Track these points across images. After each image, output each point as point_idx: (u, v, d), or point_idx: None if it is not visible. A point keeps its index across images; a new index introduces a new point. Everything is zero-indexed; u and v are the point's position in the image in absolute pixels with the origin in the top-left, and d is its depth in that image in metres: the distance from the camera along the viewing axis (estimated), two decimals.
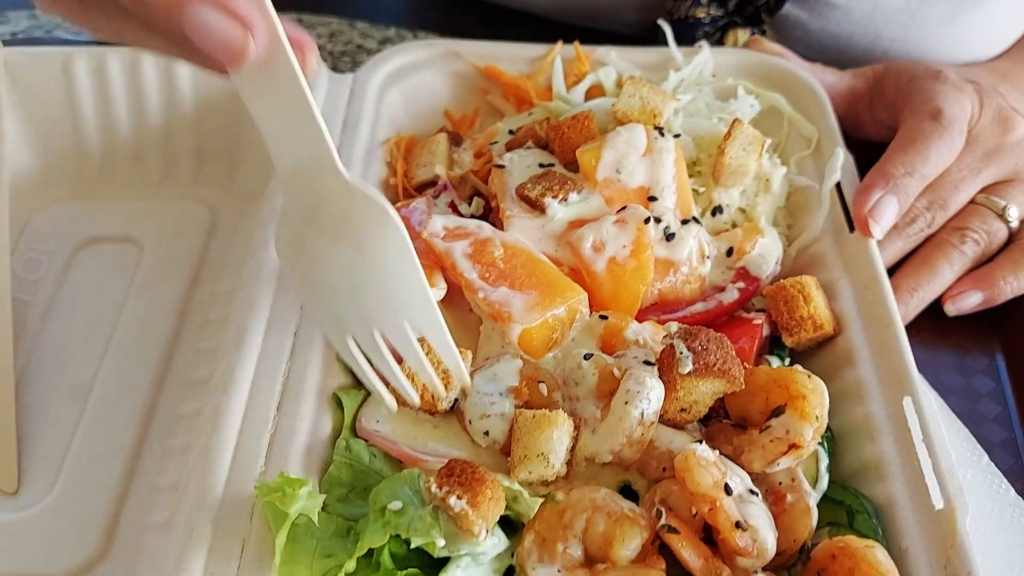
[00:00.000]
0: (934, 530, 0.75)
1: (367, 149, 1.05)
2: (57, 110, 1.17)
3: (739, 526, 0.71)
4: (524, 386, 0.81)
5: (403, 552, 0.72)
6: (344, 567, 0.69)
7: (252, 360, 0.85)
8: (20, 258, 1.10)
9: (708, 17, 1.30)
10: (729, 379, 0.80)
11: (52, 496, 0.90)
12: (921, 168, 1.01)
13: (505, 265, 0.88)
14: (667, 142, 0.95)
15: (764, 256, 0.95)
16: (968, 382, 1.03)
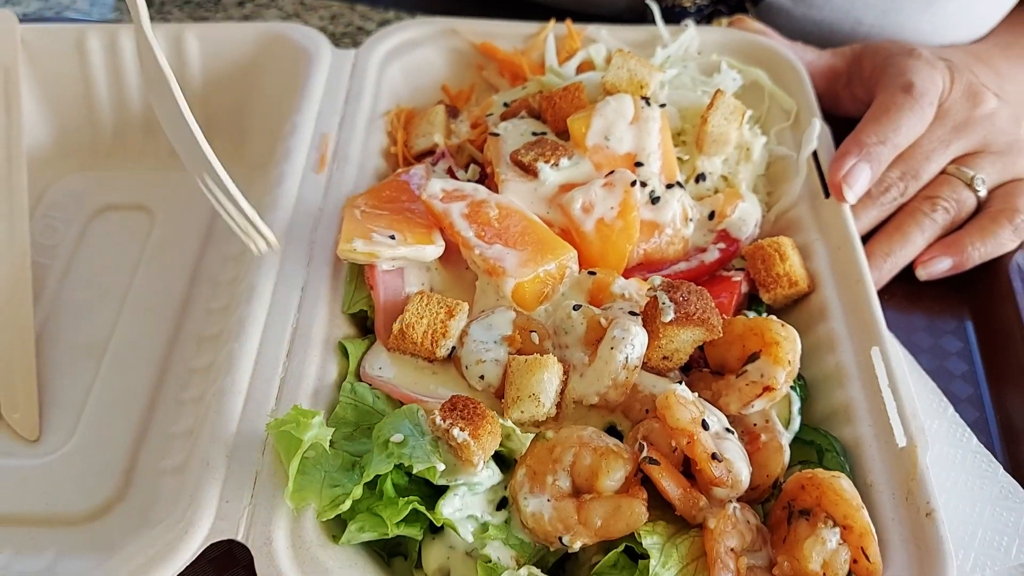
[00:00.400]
0: (897, 466, 0.81)
1: (369, 119, 1.11)
2: (72, 85, 1.22)
3: (715, 457, 0.77)
4: (517, 335, 0.87)
5: (404, 483, 0.77)
6: (351, 494, 0.74)
7: (263, 312, 0.91)
8: (38, 225, 1.15)
9: (694, 6, 1.35)
10: (708, 327, 0.85)
11: (72, 443, 0.96)
12: (893, 137, 1.06)
13: (500, 224, 0.93)
14: (653, 111, 1.00)
15: (744, 219, 1.00)
16: (938, 342, 1.09)
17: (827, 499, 0.76)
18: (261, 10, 1.53)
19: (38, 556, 0.86)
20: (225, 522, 0.76)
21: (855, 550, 0.75)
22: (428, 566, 0.78)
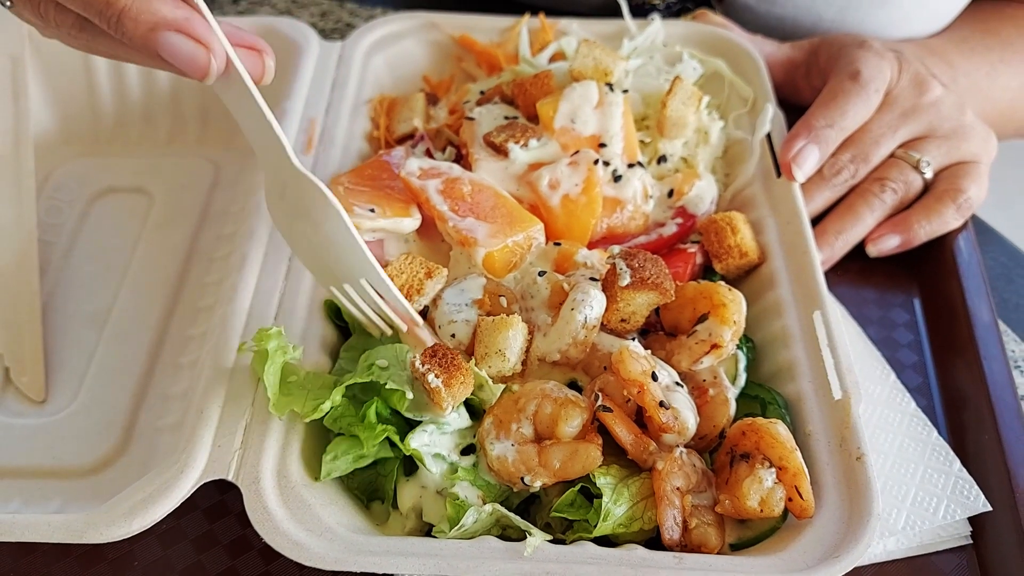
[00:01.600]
0: (833, 416, 0.89)
1: (353, 106, 1.18)
2: (75, 75, 1.29)
3: (662, 405, 0.84)
4: (487, 298, 0.94)
5: (387, 414, 0.85)
6: (331, 398, 0.81)
7: (253, 279, 0.98)
8: (43, 205, 1.22)
9: (663, 3, 1.43)
10: (661, 291, 0.92)
11: (75, 404, 1.03)
12: (840, 121, 1.14)
13: (472, 199, 1.01)
14: (616, 96, 1.08)
15: (701, 196, 1.08)
16: (886, 314, 1.16)
17: (764, 443, 0.83)
18: (255, 7, 1.61)
19: (45, 504, 0.94)
20: (217, 463, 0.84)
21: (789, 488, 0.82)
22: (403, 504, 0.85)
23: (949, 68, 1.35)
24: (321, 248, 0.88)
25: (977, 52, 1.40)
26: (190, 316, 1.11)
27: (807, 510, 0.82)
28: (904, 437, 1.01)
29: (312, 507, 0.81)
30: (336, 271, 0.89)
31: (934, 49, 1.38)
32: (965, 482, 0.96)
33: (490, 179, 1.03)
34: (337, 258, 0.87)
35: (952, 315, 1.13)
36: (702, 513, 0.83)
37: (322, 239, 0.86)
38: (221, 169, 1.29)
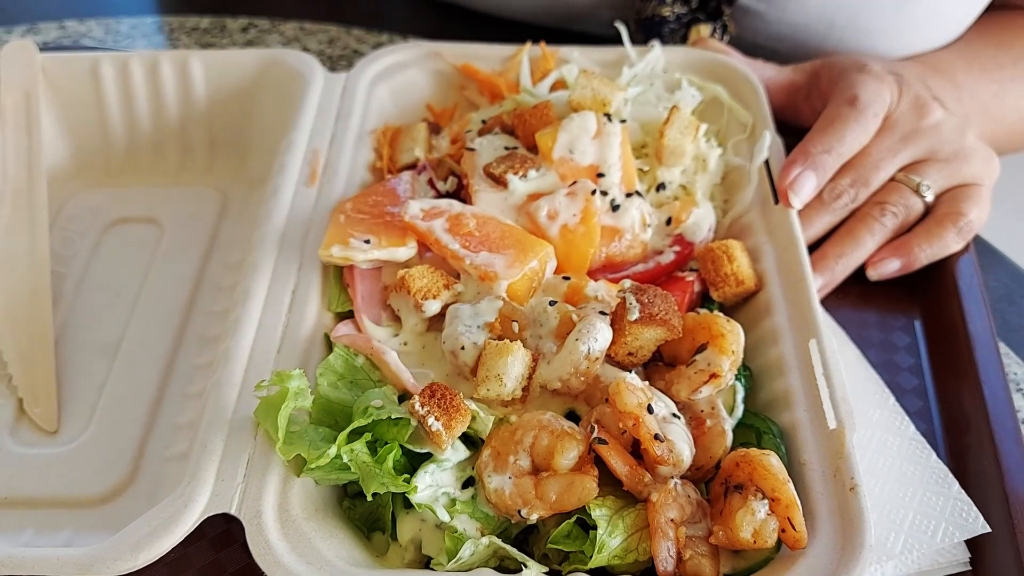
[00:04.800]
0: (828, 445, 0.89)
1: (357, 136, 1.20)
2: (86, 108, 1.32)
3: (657, 438, 0.85)
4: (498, 323, 0.95)
5: (400, 459, 0.87)
6: (337, 442, 0.83)
7: (257, 312, 1.00)
8: (56, 236, 1.25)
9: (673, 15, 1.43)
10: (669, 328, 0.94)
11: (87, 434, 1.05)
12: (837, 147, 1.15)
13: (480, 233, 1.02)
14: (614, 127, 1.09)
15: (698, 224, 1.09)
16: (887, 337, 1.17)
17: (757, 474, 0.84)
18: (264, 35, 1.64)
19: (57, 534, 0.96)
20: (220, 498, 0.85)
21: (782, 520, 0.83)
22: (402, 537, 0.87)
23: (954, 88, 1.35)
24: None
25: (987, 70, 1.40)
26: (197, 346, 1.13)
27: (800, 541, 0.83)
28: (903, 460, 1.01)
29: (312, 540, 0.83)
30: None
31: (939, 68, 1.38)
32: (964, 504, 0.96)
33: (490, 210, 1.05)
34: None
35: (953, 339, 1.13)
36: (696, 544, 0.84)
37: None
38: (229, 198, 1.32)
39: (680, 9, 1.43)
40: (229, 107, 1.32)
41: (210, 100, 1.32)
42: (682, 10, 1.44)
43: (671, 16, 1.43)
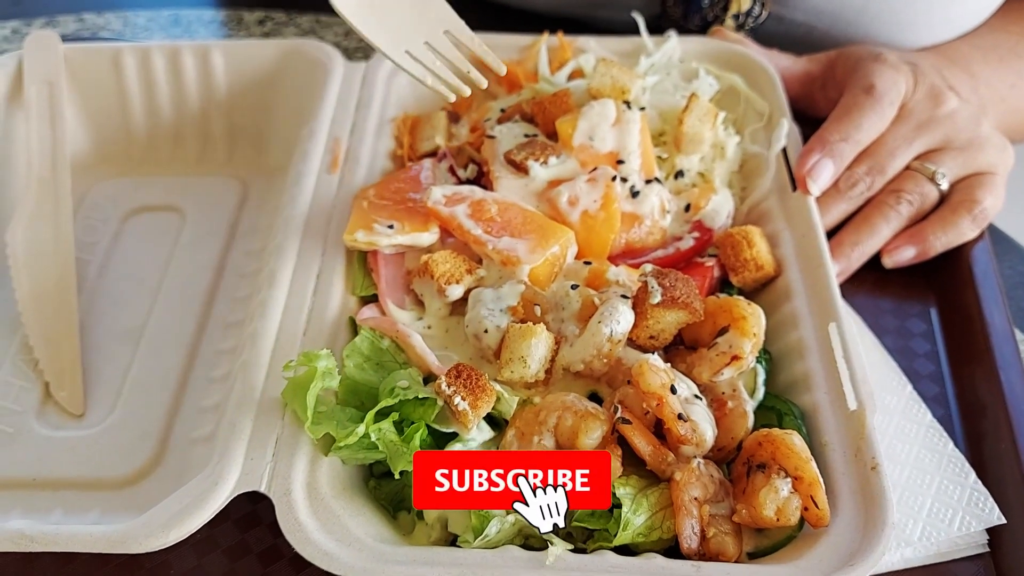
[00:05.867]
0: (848, 426, 0.90)
1: (378, 124, 1.21)
2: (109, 99, 1.33)
3: (681, 417, 0.87)
4: (521, 306, 0.97)
5: (429, 441, 0.88)
6: (365, 421, 0.84)
7: (282, 296, 1.01)
8: (80, 224, 1.26)
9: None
10: (691, 311, 0.95)
11: (112, 417, 1.06)
12: (855, 135, 1.16)
13: (501, 218, 1.03)
14: (633, 114, 1.10)
15: (717, 211, 1.10)
16: (903, 324, 1.18)
17: (780, 453, 0.85)
18: (280, 28, 1.65)
19: (85, 514, 0.97)
20: (250, 476, 0.86)
21: (805, 498, 0.84)
22: (429, 515, 0.88)
23: (970, 78, 1.36)
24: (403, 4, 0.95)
25: (1005, 61, 1.40)
26: (221, 331, 1.14)
27: (823, 519, 0.84)
28: (920, 448, 1.02)
29: (341, 518, 0.84)
30: (416, 27, 0.97)
31: (955, 59, 1.38)
32: (980, 494, 0.97)
33: (511, 196, 1.06)
34: (418, 10, 0.95)
35: (969, 325, 1.14)
36: (719, 523, 0.85)
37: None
38: (249, 187, 1.33)
39: None
40: (249, 97, 1.33)
41: (230, 90, 1.33)
42: None
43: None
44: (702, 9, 1.43)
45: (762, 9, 1.43)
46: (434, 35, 0.99)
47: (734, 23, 1.44)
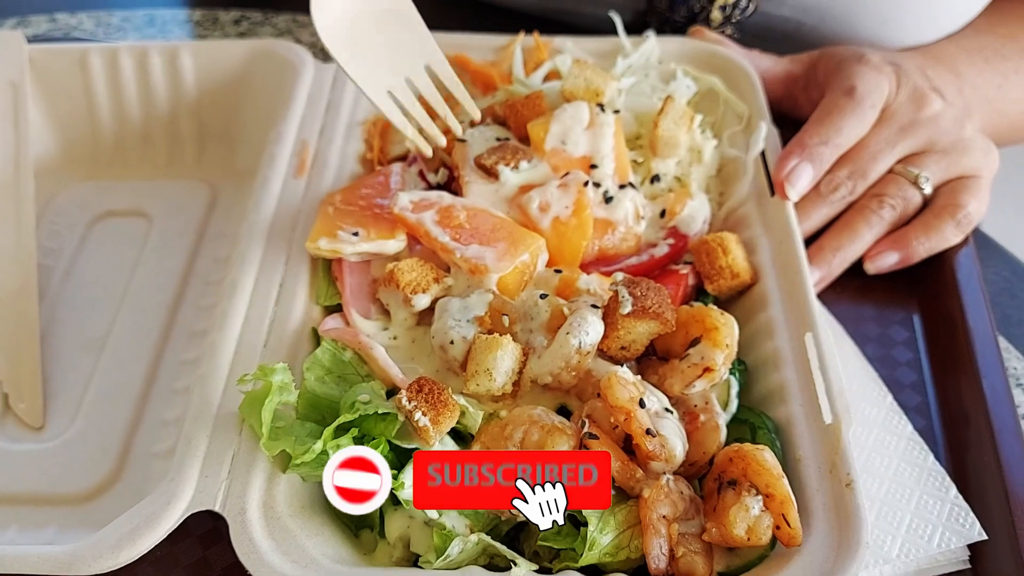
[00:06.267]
0: (823, 440, 0.88)
1: (347, 127, 1.19)
2: (75, 100, 1.30)
3: (649, 433, 0.84)
4: (488, 317, 0.94)
5: (391, 458, 0.85)
6: (323, 437, 0.82)
7: (243, 305, 0.99)
8: (43, 230, 1.23)
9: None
10: (662, 321, 0.92)
11: (72, 430, 1.04)
12: (834, 138, 1.13)
13: (470, 225, 1.01)
14: (607, 117, 1.08)
15: (693, 216, 1.07)
16: (885, 331, 1.15)
17: (751, 470, 0.83)
18: (256, 27, 1.62)
19: (41, 531, 0.94)
20: (204, 494, 0.84)
21: (777, 516, 0.81)
22: (390, 534, 0.85)
23: (955, 78, 1.33)
24: (387, 34, 0.96)
25: (991, 62, 1.38)
26: (185, 341, 1.11)
27: (795, 538, 0.81)
28: (900, 461, 1.00)
29: (297, 538, 0.81)
30: (398, 62, 0.97)
31: (941, 58, 1.36)
32: (961, 509, 0.94)
33: (481, 202, 1.03)
34: (401, 43, 0.97)
35: (952, 333, 1.12)
36: (689, 541, 0.82)
37: (390, 20, 0.96)
38: (218, 191, 1.30)
39: None
40: (219, 99, 1.30)
41: (200, 92, 1.30)
42: None
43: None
44: (689, 1, 1.40)
45: (749, 2, 1.40)
46: (415, 70, 0.97)
47: (721, 15, 1.41)
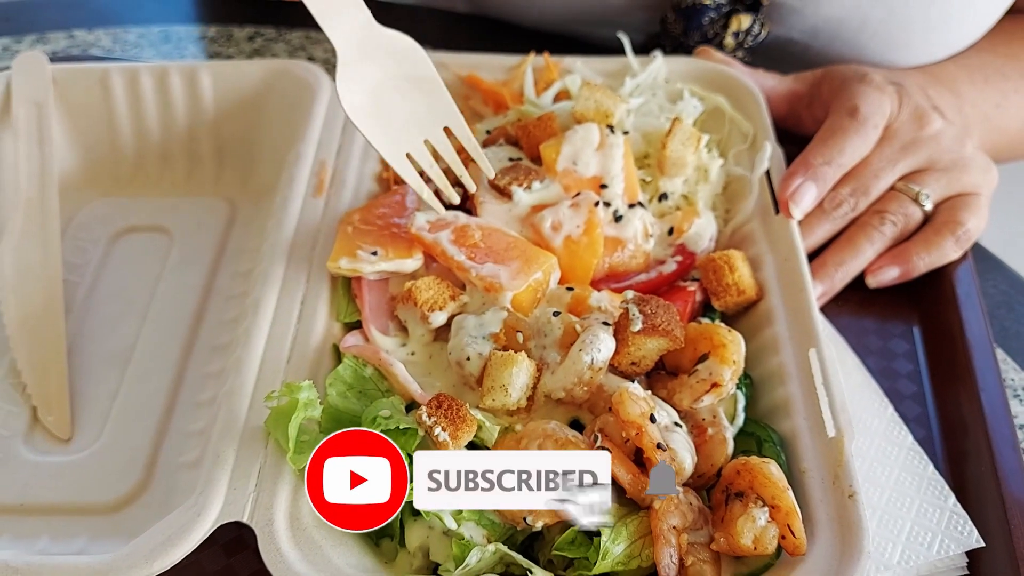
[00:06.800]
0: (827, 453, 0.91)
1: (364, 146, 1.22)
2: (96, 118, 1.34)
3: (660, 447, 0.87)
4: (503, 333, 0.97)
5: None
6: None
7: (267, 323, 1.02)
8: (68, 245, 1.26)
9: (713, 3, 1.41)
10: (671, 338, 0.96)
11: (100, 442, 1.07)
12: (838, 158, 1.16)
13: (485, 244, 1.04)
14: (617, 138, 1.11)
15: (700, 234, 1.11)
16: (886, 344, 1.19)
17: (758, 482, 0.86)
18: (270, 44, 1.65)
19: (71, 541, 0.98)
20: (233, 506, 0.87)
21: (782, 527, 0.85)
22: (410, 544, 0.89)
23: (955, 98, 1.37)
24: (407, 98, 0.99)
25: (990, 81, 1.41)
26: (207, 354, 1.15)
27: (799, 548, 0.84)
28: (901, 471, 1.03)
29: (322, 548, 0.85)
30: (417, 125, 1.01)
31: (942, 78, 1.39)
32: (959, 517, 0.98)
33: (495, 222, 1.07)
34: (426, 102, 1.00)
35: (951, 345, 1.15)
36: (698, 551, 0.86)
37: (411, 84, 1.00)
38: (237, 207, 1.33)
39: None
40: (237, 117, 1.34)
41: (218, 111, 1.34)
42: (722, 0, 1.42)
43: (712, 4, 1.41)
44: (702, 26, 1.43)
45: (761, 28, 1.43)
46: (434, 132, 1.02)
47: (734, 41, 1.45)
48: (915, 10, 1.40)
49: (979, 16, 1.44)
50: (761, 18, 1.42)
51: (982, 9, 1.43)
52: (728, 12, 1.43)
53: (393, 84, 0.99)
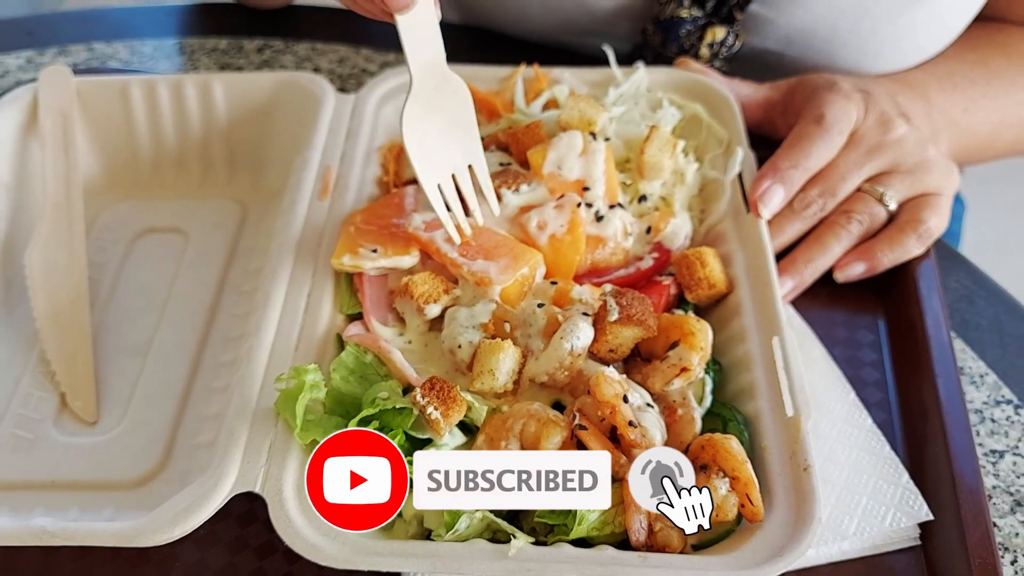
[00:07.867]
0: (785, 431, 1.00)
1: (366, 153, 1.31)
2: (117, 127, 1.43)
3: (631, 424, 0.96)
4: (492, 323, 1.06)
5: (404, 443, 0.97)
6: (349, 427, 0.94)
7: (276, 315, 1.11)
8: (91, 246, 1.35)
9: (690, 16, 1.49)
10: (645, 327, 1.04)
11: (123, 425, 1.16)
12: (804, 163, 1.25)
13: (476, 242, 1.13)
14: (599, 145, 1.20)
15: (676, 232, 1.19)
16: (852, 335, 1.27)
17: (720, 456, 0.95)
18: (278, 55, 1.75)
19: (99, 512, 1.07)
20: (246, 478, 0.96)
21: (742, 496, 0.94)
22: (406, 513, 0.97)
23: (925, 103, 1.44)
24: (447, 134, 1.09)
25: (959, 87, 1.49)
26: (221, 345, 1.24)
27: (757, 515, 0.93)
28: (859, 451, 1.11)
29: None
30: (449, 161, 1.11)
31: (913, 84, 1.47)
32: (911, 493, 1.06)
33: (485, 221, 1.16)
34: (455, 145, 1.11)
35: (912, 336, 1.23)
36: (665, 518, 0.94)
37: (453, 127, 1.10)
38: (248, 209, 1.43)
39: (696, 12, 1.51)
40: (248, 125, 1.43)
41: (230, 119, 1.43)
42: (698, 13, 1.51)
43: (688, 17, 1.49)
44: (679, 38, 1.52)
45: (735, 40, 1.52)
46: (460, 168, 1.12)
47: (709, 51, 1.53)
48: (883, 20, 1.48)
49: (946, 25, 1.51)
50: (735, 30, 1.51)
51: (948, 18, 1.50)
52: (704, 24, 1.51)
53: (442, 123, 1.09)
